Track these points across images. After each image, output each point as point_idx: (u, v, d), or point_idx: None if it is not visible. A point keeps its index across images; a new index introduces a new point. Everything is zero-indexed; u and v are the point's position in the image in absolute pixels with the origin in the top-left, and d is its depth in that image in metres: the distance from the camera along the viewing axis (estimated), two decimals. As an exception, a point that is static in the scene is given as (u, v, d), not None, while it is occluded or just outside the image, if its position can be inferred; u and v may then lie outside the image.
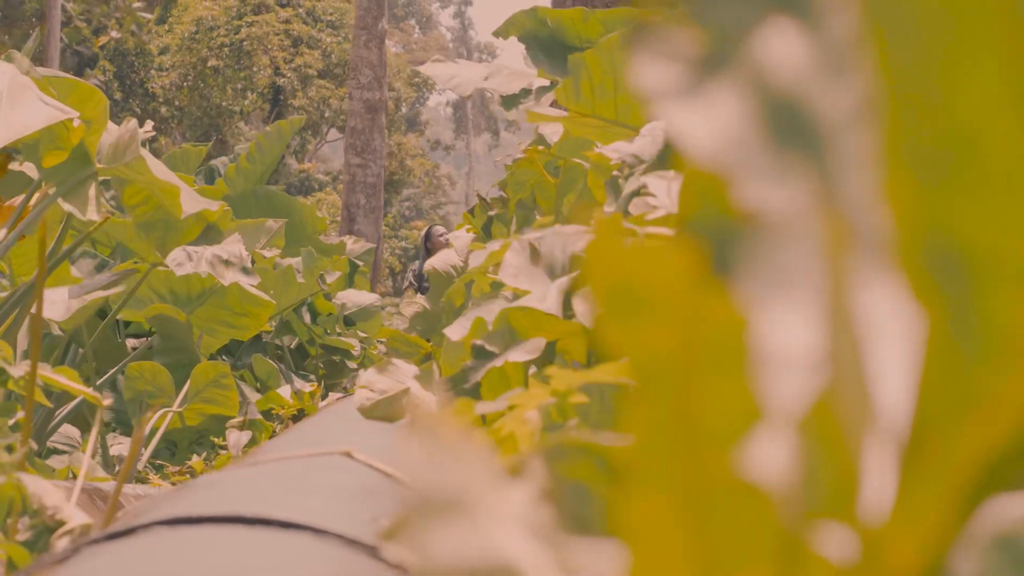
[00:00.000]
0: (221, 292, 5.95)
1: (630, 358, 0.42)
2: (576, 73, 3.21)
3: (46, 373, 2.26)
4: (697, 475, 0.41)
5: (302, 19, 35.76)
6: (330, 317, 8.48)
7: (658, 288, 0.40)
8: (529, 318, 2.42)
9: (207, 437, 5.46)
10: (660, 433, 0.41)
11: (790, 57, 0.44)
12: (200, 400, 5.42)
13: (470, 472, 0.46)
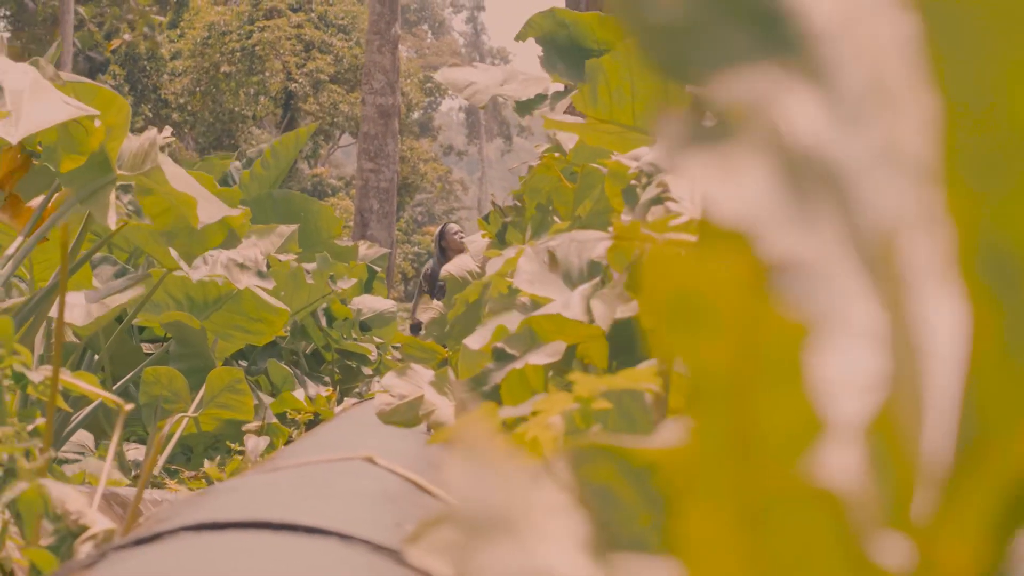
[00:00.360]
0: (237, 298, 5.95)
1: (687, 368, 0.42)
2: (594, 79, 3.21)
3: (66, 378, 2.27)
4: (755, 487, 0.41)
5: (314, 24, 35.77)
6: (346, 322, 8.48)
7: (716, 299, 0.41)
8: (551, 322, 2.42)
9: (222, 442, 5.47)
10: (717, 444, 0.41)
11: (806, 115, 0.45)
12: (215, 405, 5.43)
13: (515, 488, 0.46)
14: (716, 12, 0.47)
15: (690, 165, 0.44)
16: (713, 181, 0.43)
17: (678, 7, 0.47)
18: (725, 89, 0.45)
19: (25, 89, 3.46)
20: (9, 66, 3.56)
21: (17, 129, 3.30)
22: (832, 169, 0.44)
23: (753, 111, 0.45)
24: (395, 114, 23.73)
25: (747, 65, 0.46)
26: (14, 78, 3.51)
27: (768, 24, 0.47)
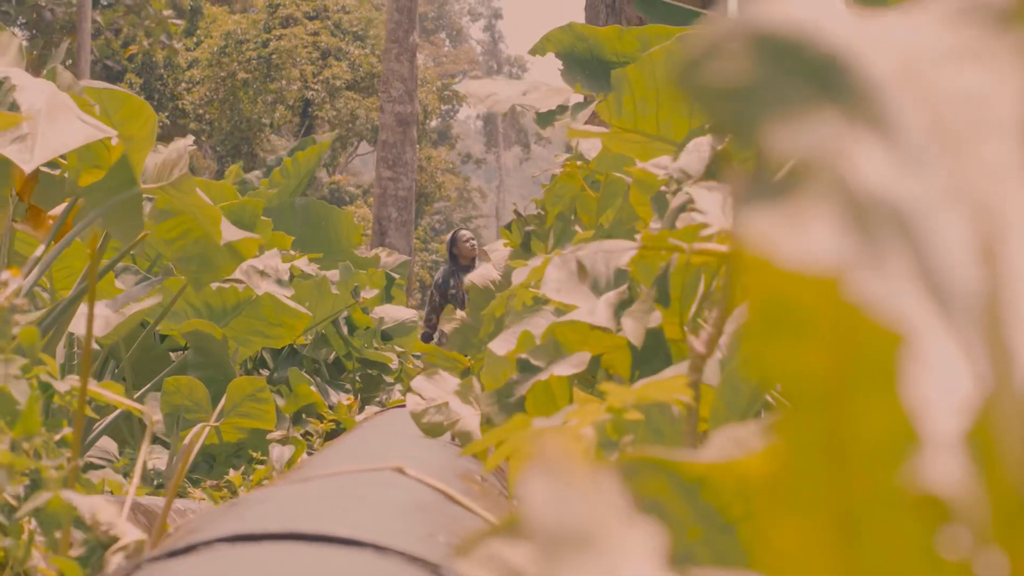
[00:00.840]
0: (256, 304, 5.96)
1: (782, 377, 0.42)
2: (619, 88, 3.20)
3: (93, 388, 2.27)
4: (850, 497, 0.41)
5: (330, 31, 35.84)
6: (367, 331, 8.48)
7: (812, 307, 0.40)
8: (576, 332, 2.42)
9: (244, 450, 5.47)
10: (812, 454, 0.41)
11: (871, 162, 0.45)
12: (237, 414, 5.43)
13: (595, 504, 0.46)
14: (779, 71, 0.47)
15: (760, 221, 0.44)
16: (783, 232, 0.43)
17: (740, 70, 0.48)
18: (789, 143, 0.45)
19: (42, 109, 3.43)
20: (27, 82, 3.53)
21: (32, 156, 3.27)
22: (900, 212, 0.44)
23: (818, 162, 0.45)
24: (413, 122, 23.76)
25: (810, 118, 0.46)
26: (31, 96, 3.49)
27: (830, 79, 0.47)
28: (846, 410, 0.41)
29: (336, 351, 8.39)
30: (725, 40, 0.49)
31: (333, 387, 7.96)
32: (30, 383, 2.43)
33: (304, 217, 9.90)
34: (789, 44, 0.48)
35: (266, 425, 5.42)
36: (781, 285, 0.41)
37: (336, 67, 35.40)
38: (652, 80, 3.18)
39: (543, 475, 0.46)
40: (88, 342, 1.97)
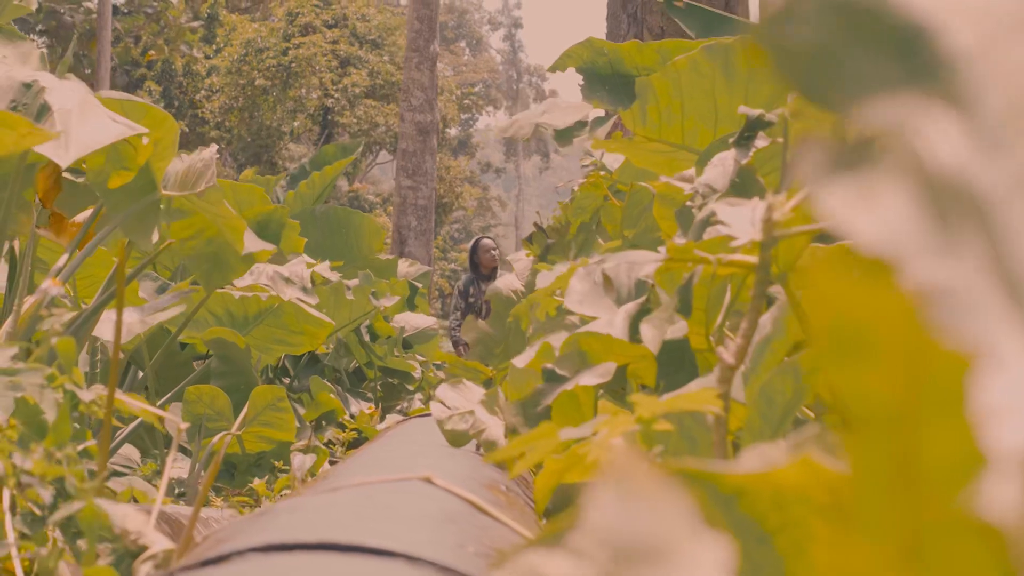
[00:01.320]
0: (277, 312, 5.97)
1: (850, 398, 0.42)
2: (643, 97, 3.20)
3: (119, 397, 2.27)
4: (917, 519, 0.41)
5: (348, 40, 35.91)
6: (389, 340, 8.48)
7: (881, 329, 0.40)
8: (600, 342, 2.43)
9: (266, 459, 5.48)
10: (878, 476, 0.41)
11: (947, 141, 0.44)
12: (258, 423, 5.44)
13: (665, 519, 0.46)
14: (855, 37, 0.47)
15: (830, 192, 0.44)
16: (854, 208, 0.43)
17: (817, 32, 0.47)
18: (865, 115, 0.45)
19: (73, 109, 3.44)
20: (56, 84, 3.54)
21: (68, 152, 3.27)
22: (975, 196, 0.44)
23: (894, 137, 0.44)
24: (433, 131, 23.79)
25: (887, 91, 0.46)
26: (62, 96, 3.49)
27: (907, 48, 0.47)
28: (915, 432, 0.41)
29: (357, 359, 8.39)
30: (804, 1, 0.48)
31: (354, 395, 7.96)
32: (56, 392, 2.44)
33: (324, 224, 9.92)
34: (869, 9, 0.48)
35: (286, 435, 5.42)
36: (851, 306, 0.41)
37: (355, 75, 35.47)
38: (677, 89, 3.18)
39: (611, 487, 0.46)
40: (116, 352, 1.98)
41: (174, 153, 3.95)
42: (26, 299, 3.72)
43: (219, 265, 4.42)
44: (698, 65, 3.12)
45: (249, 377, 6.04)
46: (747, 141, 2.63)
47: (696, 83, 3.14)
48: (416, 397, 8.59)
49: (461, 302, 12.11)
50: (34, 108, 3.41)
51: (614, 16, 10.39)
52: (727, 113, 3.16)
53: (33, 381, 2.46)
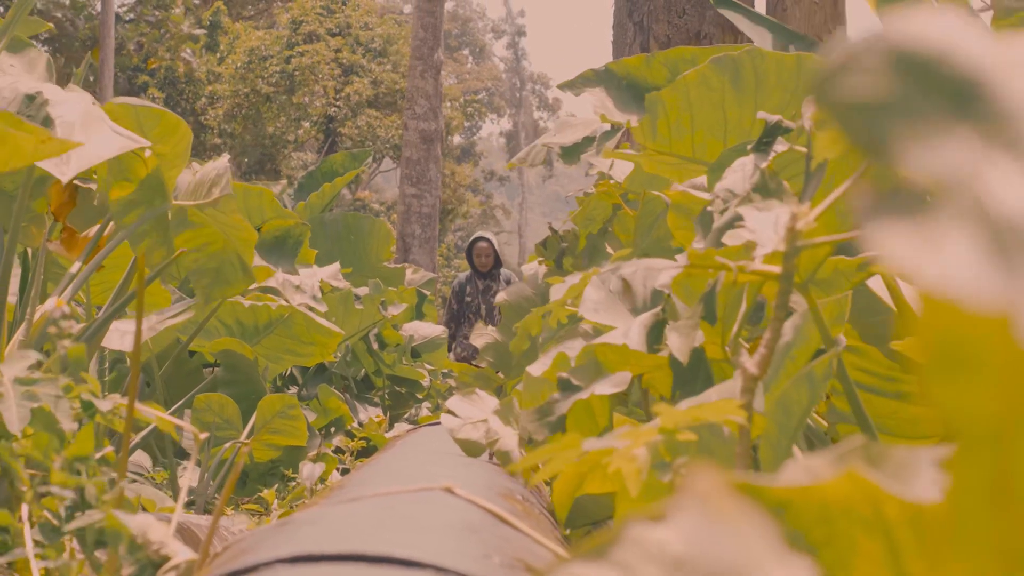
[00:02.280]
0: (288, 322, 5.97)
1: (952, 417, 0.42)
2: (653, 111, 3.21)
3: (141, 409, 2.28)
4: (1017, 538, 0.41)
5: (351, 48, 35.97)
6: (397, 348, 8.48)
7: (987, 348, 0.40)
8: (616, 352, 2.43)
9: (277, 467, 5.48)
10: (980, 496, 0.41)
11: (1010, 185, 0.45)
12: (268, 431, 5.44)
13: (746, 539, 0.46)
14: (914, 87, 0.47)
15: (890, 238, 0.44)
16: (917, 253, 0.43)
17: (877, 86, 0.48)
18: (926, 163, 0.45)
19: (76, 121, 3.43)
20: (60, 96, 3.53)
21: (69, 166, 3.25)
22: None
23: (955, 183, 0.45)
24: (437, 139, 23.81)
25: (947, 137, 0.46)
26: (66, 109, 3.48)
27: (966, 97, 0.47)
28: (1019, 452, 0.41)
29: (366, 368, 8.39)
30: (862, 55, 0.49)
31: (362, 403, 7.96)
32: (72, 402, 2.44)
33: (333, 231, 9.93)
34: (927, 62, 0.48)
35: (297, 441, 5.43)
36: (956, 325, 0.41)
37: (358, 83, 35.52)
38: (686, 102, 3.18)
39: (694, 509, 0.47)
40: (135, 362, 1.98)
41: (186, 161, 3.94)
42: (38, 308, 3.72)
43: (220, 280, 4.41)
44: (707, 79, 3.13)
45: (257, 386, 6.04)
46: (766, 146, 2.64)
47: (705, 96, 3.14)
48: (424, 405, 8.60)
49: (454, 303, 12.04)
50: (38, 121, 3.40)
51: (620, 25, 10.41)
52: (736, 125, 3.17)
53: (49, 391, 2.46)
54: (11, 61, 3.73)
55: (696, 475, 0.47)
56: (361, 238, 10.04)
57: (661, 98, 3.20)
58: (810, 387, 1.56)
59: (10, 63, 3.71)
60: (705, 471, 0.48)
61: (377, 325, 8.12)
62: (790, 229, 1.55)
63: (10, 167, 2.62)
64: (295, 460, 5.48)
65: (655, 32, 10.10)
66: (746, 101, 3.12)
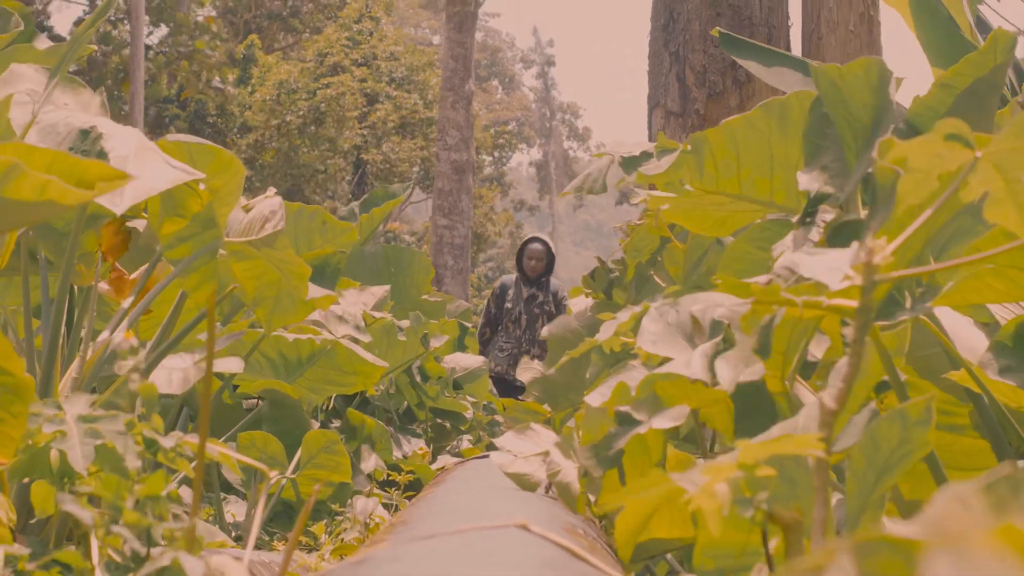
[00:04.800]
0: (330, 354, 5.97)
1: None
2: (698, 151, 3.22)
3: (213, 450, 2.29)
4: None
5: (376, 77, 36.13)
6: (439, 380, 8.48)
7: None
8: (675, 386, 2.43)
9: (324, 502, 5.49)
10: None
11: None
12: (312, 467, 5.45)
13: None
14: None
15: None
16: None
17: None
18: None
19: (129, 155, 3.42)
20: (113, 129, 3.53)
21: (123, 199, 3.22)
22: None
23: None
24: (469, 170, 23.87)
25: None
26: (119, 142, 3.48)
27: None
28: None
29: (408, 400, 8.39)
30: None
31: (405, 435, 7.96)
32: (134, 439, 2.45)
33: (373, 265, 9.95)
34: None
35: (342, 477, 5.43)
36: None
37: (381, 109, 35.69)
38: (732, 143, 3.19)
39: (948, 553, 0.47)
40: (206, 401, 1.99)
41: (238, 198, 3.95)
42: (90, 346, 3.74)
43: (279, 308, 4.41)
44: (754, 122, 3.15)
45: (301, 422, 6.05)
46: (811, 218, 2.66)
47: (751, 136, 3.16)
48: (465, 437, 8.59)
49: (492, 307, 11.80)
50: (92, 155, 3.41)
51: (656, 55, 10.44)
52: (783, 161, 3.18)
53: (113, 428, 2.47)
54: (66, 99, 3.76)
55: (944, 515, 0.48)
56: (401, 270, 10.06)
57: (707, 138, 3.21)
58: (902, 426, 1.56)
59: (64, 101, 3.74)
60: (951, 509, 0.49)
61: (420, 357, 8.13)
62: (867, 264, 1.56)
63: (69, 202, 2.63)
64: (341, 494, 5.48)
65: (691, 62, 10.12)
66: (792, 138, 3.13)
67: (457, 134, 23.57)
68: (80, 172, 2.56)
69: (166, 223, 3.92)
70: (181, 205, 3.88)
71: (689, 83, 10.07)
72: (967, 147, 1.75)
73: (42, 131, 3.41)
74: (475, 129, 39.27)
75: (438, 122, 24.08)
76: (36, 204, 2.46)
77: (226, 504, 5.56)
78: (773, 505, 1.54)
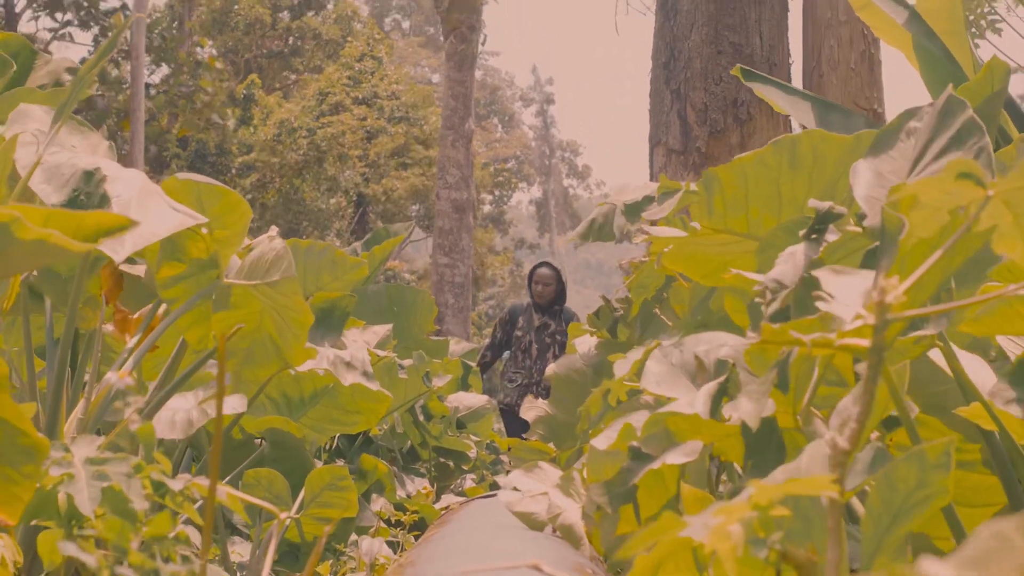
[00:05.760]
0: (333, 392, 5.96)
1: None
2: (709, 189, 3.23)
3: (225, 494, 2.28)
4: None
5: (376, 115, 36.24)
6: (443, 419, 8.47)
7: None
8: (687, 421, 2.43)
9: (329, 542, 5.47)
10: None
11: None
12: (317, 505, 5.43)
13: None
14: None
15: None
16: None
17: None
18: None
19: (132, 199, 3.41)
20: (118, 173, 3.52)
21: (123, 246, 3.20)
22: None
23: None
24: (469, 208, 23.89)
25: None
26: (123, 186, 3.47)
27: None
28: None
29: (412, 439, 8.38)
30: None
31: (408, 474, 7.95)
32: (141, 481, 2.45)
33: (376, 304, 9.93)
34: None
35: (348, 513, 5.41)
36: None
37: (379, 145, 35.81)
38: (742, 180, 3.20)
39: None
40: (217, 443, 1.98)
41: (243, 240, 3.94)
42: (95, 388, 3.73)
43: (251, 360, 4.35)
44: (765, 159, 3.15)
45: (304, 462, 6.03)
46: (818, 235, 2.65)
47: (761, 173, 3.16)
48: (468, 477, 8.58)
49: (499, 332, 11.39)
50: (96, 197, 3.40)
51: (657, 93, 10.45)
52: (790, 199, 3.18)
53: (120, 470, 2.47)
54: (74, 141, 3.76)
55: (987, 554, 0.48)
56: (404, 309, 10.04)
57: (717, 175, 3.22)
58: (920, 468, 1.56)
59: (72, 143, 3.74)
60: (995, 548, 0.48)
61: (423, 397, 8.13)
62: (880, 303, 1.56)
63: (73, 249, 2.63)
64: (345, 532, 5.46)
65: (692, 100, 10.14)
66: (801, 178, 3.14)
67: (457, 172, 23.61)
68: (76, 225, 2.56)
69: (164, 267, 3.90)
70: (180, 249, 3.87)
71: (690, 121, 10.09)
72: (979, 185, 1.75)
73: (47, 172, 3.41)
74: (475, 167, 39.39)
75: (438, 161, 24.12)
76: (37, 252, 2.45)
77: (230, 544, 5.54)
78: (787, 545, 1.53)
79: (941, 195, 1.77)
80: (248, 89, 36.83)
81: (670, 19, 10.44)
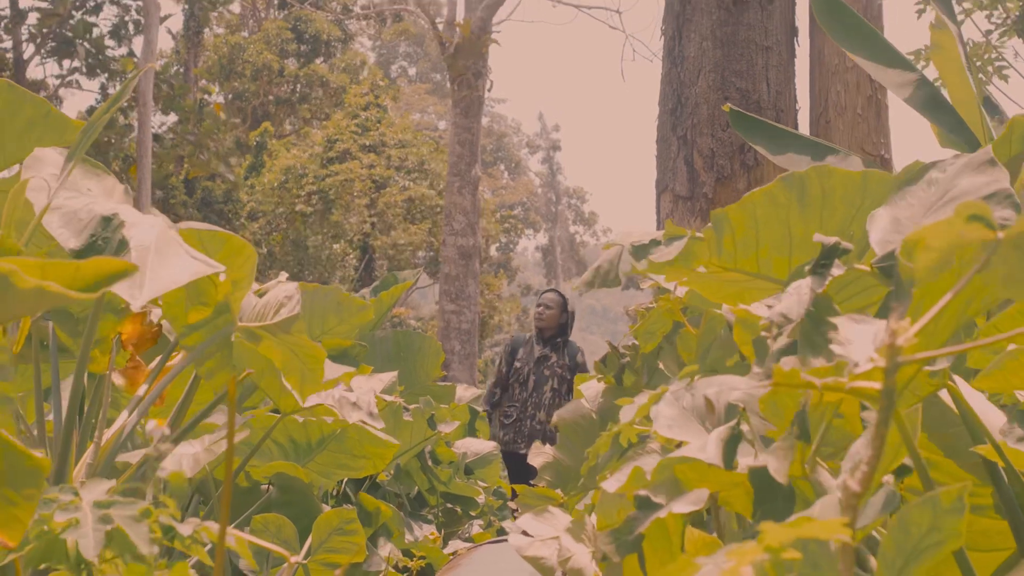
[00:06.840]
0: (341, 437, 5.96)
1: None
2: (719, 229, 3.22)
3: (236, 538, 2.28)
4: None
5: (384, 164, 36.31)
6: (451, 465, 8.46)
7: None
8: (695, 469, 2.43)
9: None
10: None
11: None
12: (324, 550, 5.42)
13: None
14: None
15: None
16: None
17: None
18: None
19: (151, 245, 3.40)
20: (137, 219, 3.53)
21: (142, 292, 3.20)
22: None
23: None
24: (476, 255, 23.92)
25: None
26: (141, 232, 3.46)
27: None
28: None
29: (419, 485, 8.37)
30: None
31: (416, 520, 7.94)
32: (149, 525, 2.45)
33: (383, 350, 9.92)
34: None
35: (356, 558, 5.40)
36: None
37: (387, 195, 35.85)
38: (752, 219, 3.19)
39: None
40: (227, 487, 1.99)
41: (251, 283, 3.95)
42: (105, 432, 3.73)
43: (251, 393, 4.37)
44: (774, 196, 3.15)
45: (312, 507, 6.02)
46: (823, 270, 2.65)
47: (772, 212, 3.16)
48: (476, 522, 8.56)
49: (503, 366, 11.34)
50: (113, 243, 3.40)
51: (664, 139, 10.46)
52: (801, 240, 3.18)
53: (125, 513, 2.46)
54: (89, 185, 3.76)
55: None
56: (412, 355, 10.03)
57: (727, 215, 3.21)
58: (933, 512, 1.56)
59: (88, 186, 3.74)
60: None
61: (430, 442, 8.12)
62: (891, 345, 1.56)
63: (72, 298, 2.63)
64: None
65: (699, 146, 10.15)
66: (811, 217, 3.14)
67: (463, 219, 23.64)
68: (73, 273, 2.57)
69: (191, 313, 3.92)
70: (205, 294, 3.88)
71: (697, 167, 10.10)
72: (989, 228, 1.75)
73: (64, 217, 3.42)
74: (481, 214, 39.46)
75: (444, 207, 24.15)
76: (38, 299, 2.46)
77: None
78: (799, 588, 1.53)
79: (950, 238, 1.78)
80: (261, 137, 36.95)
81: (677, 65, 10.46)
